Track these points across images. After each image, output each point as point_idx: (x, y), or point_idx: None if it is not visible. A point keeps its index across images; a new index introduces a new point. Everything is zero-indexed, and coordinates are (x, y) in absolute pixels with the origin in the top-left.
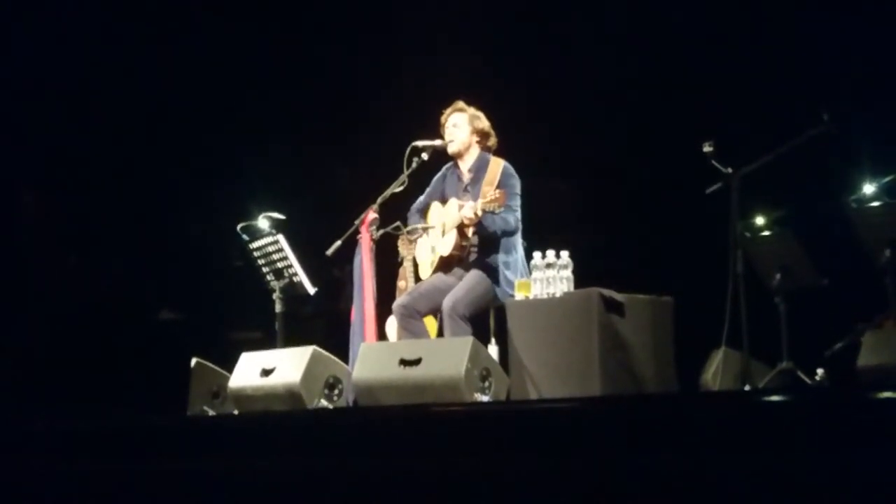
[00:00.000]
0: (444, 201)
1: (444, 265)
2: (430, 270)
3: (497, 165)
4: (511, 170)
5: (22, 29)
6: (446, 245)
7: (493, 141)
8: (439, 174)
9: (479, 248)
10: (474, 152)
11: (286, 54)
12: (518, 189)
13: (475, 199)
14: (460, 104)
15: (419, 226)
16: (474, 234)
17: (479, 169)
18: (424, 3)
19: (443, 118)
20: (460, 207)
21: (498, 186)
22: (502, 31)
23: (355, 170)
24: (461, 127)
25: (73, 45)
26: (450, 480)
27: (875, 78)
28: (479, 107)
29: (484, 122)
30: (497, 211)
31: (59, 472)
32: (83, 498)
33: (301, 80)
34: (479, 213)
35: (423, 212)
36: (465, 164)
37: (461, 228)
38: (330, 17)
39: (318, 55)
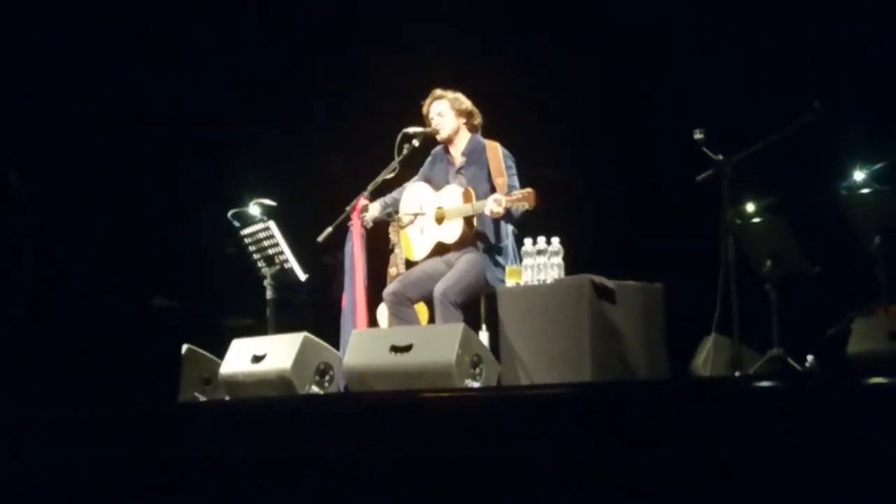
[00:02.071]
0: (430, 183)
1: (439, 251)
2: (422, 254)
3: (495, 151)
4: (507, 152)
5: (10, 13)
6: (451, 233)
7: (478, 119)
8: (428, 159)
9: (474, 236)
10: (464, 135)
11: (278, 42)
12: (514, 170)
13: (470, 182)
14: (437, 91)
15: (411, 212)
16: (480, 219)
17: (473, 152)
18: None
19: (424, 109)
20: (467, 197)
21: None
22: (493, 17)
23: (346, 156)
24: (445, 114)
25: (64, 30)
26: (441, 466)
27: (865, 65)
28: (469, 90)
29: (465, 103)
30: (528, 208)
31: (49, 460)
32: (74, 484)
33: (293, 66)
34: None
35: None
36: (457, 148)
37: (468, 219)
38: (322, 6)
39: (309, 42)
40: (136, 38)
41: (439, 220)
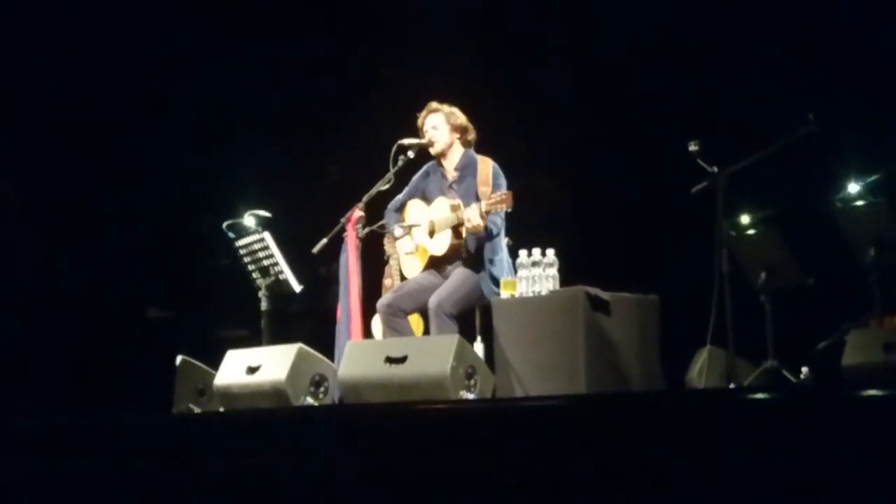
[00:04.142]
0: (424, 199)
1: (433, 264)
2: (416, 269)
3: (486, 165)
4: (499, 169)
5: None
6: (440, 245)
7: (472, 135)
8: (420, 172)
9: (465, 247)
10: (458, 150)
11: (272, 52)
12: (505, 188)
13: (462, 196)
14: (433, 105)
15: (405, 224)
16: (468, 233)
17: (466, 167)
18: (411, 1)
19: (419, 122)
20: (453, 207)
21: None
22: (488, 29)
23: (341, 168)
24: (440, 127)
25: (61, 39)
26: (435, 478)
27: (860, 78)
28: (463, 102)
29: (461, 118)
30: (507, 210)
31: (42, 470)
32: (67, 496)
33: (287, 77)
34: (484, 215)
35: (401, 210)
36: (450, 163)
37: (456, 229)
38: (317, 15)
39: (304, 53)
40: (130, 48)
41: (431, 233)
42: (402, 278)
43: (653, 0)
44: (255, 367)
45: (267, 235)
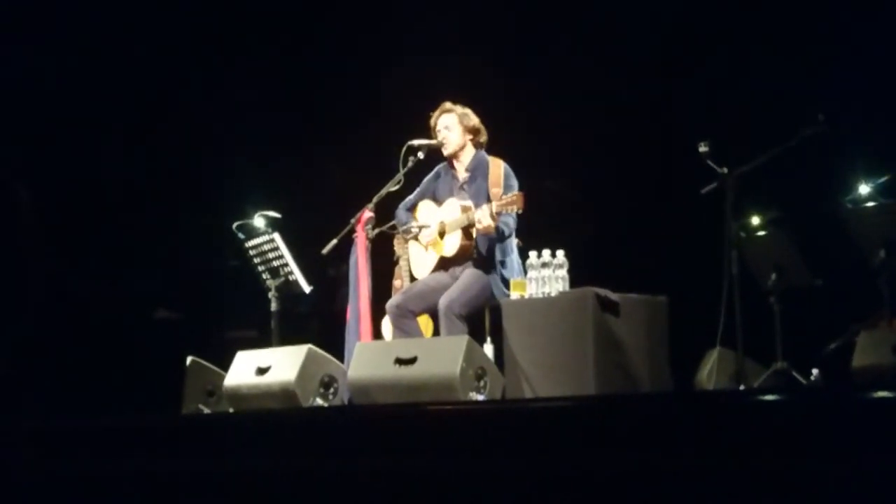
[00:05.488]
0: (435, 200)
1: (443, 265)
2: (426, 270)
3: (497, 167)
4: (510, 171)
5: (17, 24)
6: (450, 246)
7: (484, 136)
8: (432, 173)
9: (476, 248)
10: (469, 151)
11: (280, 53)
12: (516, 189)
13: (473, 197)
14: (447, 105)
15: (414, 225)
16: (479, 234)
17: (477, 168)
18: (418, 1)
19: (432, 121)
20: (464, 209)
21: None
22: (496, 29)
23: (351, 168)
24: (453, 128)
25: (71, 44)
26: (444, 479)
27: (870, 78)
28: (471, 104)
29: (473, 119)
30: (518, 212)
31: (51, 471)
32: (76, 497)
33: (296, 78)
34: (495, 216)
35: (412, 210)
36: (461, 164)
37: (466, 230)
38: (325, 16)
39: (312, 54)
40: (140, 54)
41: (441, 234)
42: (412, 279)
43: (662, 0)
44: (265, 368)
45: (277, 236)
